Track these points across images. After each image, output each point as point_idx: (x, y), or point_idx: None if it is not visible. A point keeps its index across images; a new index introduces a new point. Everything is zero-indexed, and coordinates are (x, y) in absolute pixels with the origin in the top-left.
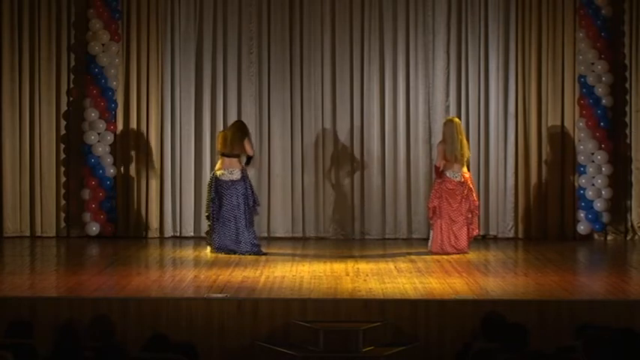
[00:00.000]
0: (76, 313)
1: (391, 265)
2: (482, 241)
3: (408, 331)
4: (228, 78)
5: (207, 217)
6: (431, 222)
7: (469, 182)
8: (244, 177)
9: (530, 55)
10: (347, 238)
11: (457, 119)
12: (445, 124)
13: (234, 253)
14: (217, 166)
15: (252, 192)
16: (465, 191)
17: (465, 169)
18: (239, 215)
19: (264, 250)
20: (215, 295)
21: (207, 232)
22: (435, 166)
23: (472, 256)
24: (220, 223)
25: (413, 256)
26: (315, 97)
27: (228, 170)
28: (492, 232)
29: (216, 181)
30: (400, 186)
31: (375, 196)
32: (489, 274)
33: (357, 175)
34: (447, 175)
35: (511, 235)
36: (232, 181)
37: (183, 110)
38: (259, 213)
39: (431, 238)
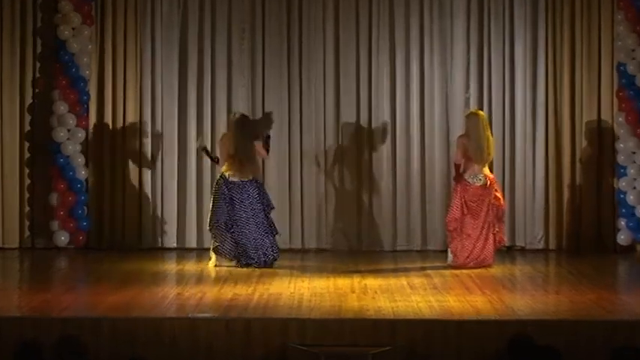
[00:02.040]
0: (43, 335)
1: (403, 281)
2: (507, 253)
3: (423, 356)
4: (217, 70)
5: (211, 229)
6: (452, 234)
7: (495, 185)
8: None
9: (562, 40)
10: (353, 250)
11: (482, 112)
12: (468, 117)
13: (253, 264)
14: (224, 168)
15: (266, 193)
16: (491, 196)
17: (486, 170)
18: (258, 221)
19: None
20: (201, 315)
21: (215, 249)
22: (455, 165)
23: (496, 270)
24: (236, 230)
25: (428, 271)
26: (316, 92)
27: (240, 170)
28: (519, 243)
29: (224, 184)
30: (413, 191)
31: (385, 202)
32: (516, 290)
33: (364, 179)
34: (468, 179)
35: (541, 246)
36: (243, 181)
37: (166, 105)
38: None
39: (451, 250)
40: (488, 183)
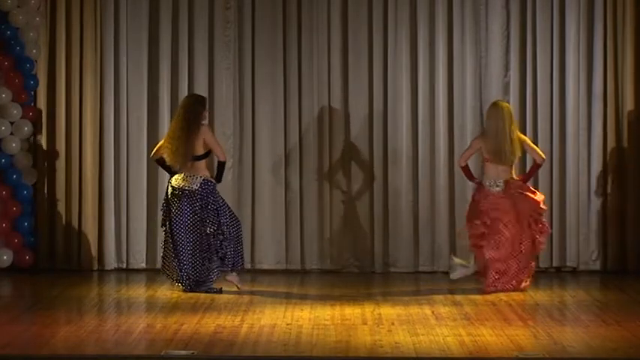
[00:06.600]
0: None
1: (427, 310)
2: (556, 275)
3: None
4: (196, 44)
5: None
6: (478, 251)
7: (519, 189)
8: (208, 190)
9: (624, 11)
10: (364, 272)
11: (506, 104)
12: (489, 109)
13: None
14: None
15: (214, 214)
16: (519, 199)
17: (513, 172)
18: (190, 239)
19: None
20: (176, 353)
21: (163, 266)
22: (461, 168)
23: (542, 296)
24: (178, 247)
25: (458, 297)
26: (319, 72)
27: (187, 175)
28: (570, 264)
29: (168, 190)
30: (440, 198)
31: (403, 212)
32: (566, 321)
33: (377, 183)
34: (486, 184)
35: (597, 267)
36: (184, 190)
37: (132, 91)
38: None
39: (477, 266)
40: (510, 188)
